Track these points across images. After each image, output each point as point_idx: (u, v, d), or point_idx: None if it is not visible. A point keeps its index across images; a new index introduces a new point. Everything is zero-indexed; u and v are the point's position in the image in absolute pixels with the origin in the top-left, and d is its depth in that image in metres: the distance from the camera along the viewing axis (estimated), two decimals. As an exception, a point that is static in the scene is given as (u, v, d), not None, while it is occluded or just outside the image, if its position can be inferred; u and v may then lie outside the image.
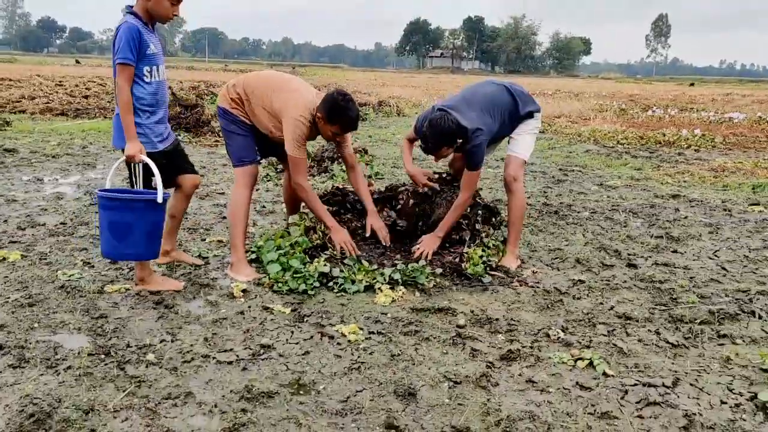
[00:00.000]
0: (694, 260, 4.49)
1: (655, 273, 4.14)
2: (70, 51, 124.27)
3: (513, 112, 4.15)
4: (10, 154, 7.77)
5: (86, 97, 15.73)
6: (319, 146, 8.02)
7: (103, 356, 2.76)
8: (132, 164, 3.39)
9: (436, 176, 4.51)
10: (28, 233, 4.53)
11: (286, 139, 3.75)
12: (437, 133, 3.80)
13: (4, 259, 3.94)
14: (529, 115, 4.22)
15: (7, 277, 3.65)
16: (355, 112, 3.76)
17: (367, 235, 4.18)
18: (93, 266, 3.89)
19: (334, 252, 3.92)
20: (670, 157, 9.73)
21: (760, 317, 3.44)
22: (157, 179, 3.27)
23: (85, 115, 12.46)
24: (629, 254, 4.55)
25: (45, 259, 3.98)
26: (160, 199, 3.25)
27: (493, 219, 4.59)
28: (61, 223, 4.81)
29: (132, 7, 3.29)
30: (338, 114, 3.69)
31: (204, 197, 5.99)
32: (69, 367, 2.64)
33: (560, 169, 8.30)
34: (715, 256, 4.62)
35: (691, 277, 4.08)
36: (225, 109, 3.94)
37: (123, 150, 3.41)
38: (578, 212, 5.84)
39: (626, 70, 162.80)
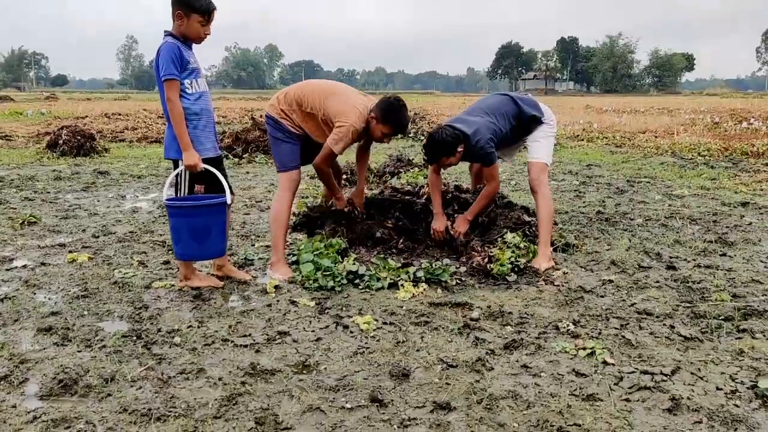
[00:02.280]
0: (741, 263, 4.33)
1: (692, 274, 4.04)
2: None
3: (518, 115, 4.37)
4: (102, 176, 8.52)
5: (181, 126, 16.81)
6: (381, 162, 8.28)
7: (134, 338, 3.06)
8: (179, 173, 3.72)
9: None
10: (100, 240, 5.01)
11: (332, 136, 3.93)
12: (433, 144, 4.19)
13: (74, 260, 4.38)
14: (536, 120, 4.41)
15: (72, 274, 4.08)
16: (407, 118, 4.05)
17: (346, 209, 4.56)
18: (147, 266, 4.27)
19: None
20: (752, 167, 9.27)
21: (790, 314, 3.31)
22: (224, 182, 3.66)
23: (177, 142, 13.35)
24: (671, 257, 4.45)
25: (108, 261, 4.40)
26: (229, 201, 3.68)
27: (527, 219, 4.64)
28: (130, 232, 5.27)
29: (169, 30, 3.64)
30: (392, 115, 3.94)
31: (265, 209, 6.34)
32: (103, 346, 2.96)
33: (627, 181, 8.12)
34: (768, 259, 4.43)
35: (730, 278, 3.96)
36: (274, 118, 4.20)
37: (173, 161, 3.75)
38: (632, 220, 5.73)
39: (736, 86, 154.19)
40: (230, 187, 3.98)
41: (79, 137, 10.94)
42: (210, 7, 3.57)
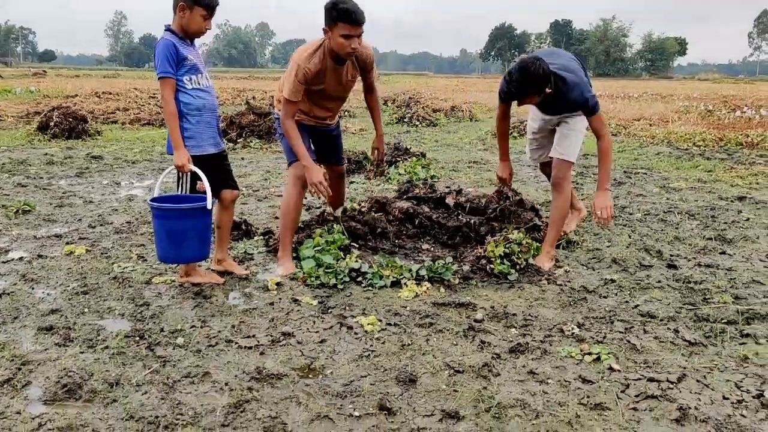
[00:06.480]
0: (741, 262, 4.35)
1: (693, 273, 4.05)
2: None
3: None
4: (96, 161, 8.43)
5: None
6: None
7: (137, 338, 3.03)
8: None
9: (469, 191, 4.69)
10: (97, 231, 4.95)
11: (285, 82, 3.87)
12: (528, 76, 3.69)
13: (72, 253, 4.33)
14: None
15: (70, 268, 4.03)
16: (352, 3, 3.60)
17: (371, 157, 4.50)
18: (146, 260, 4.22)
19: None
20: (748, 158, 9.29)
21: (793, 318, 3.32)
22: (206, 185, 3.50)
23: (170, 125, 13.21)
24: (672, 255, 4.46)
25: (106, 253, 4.35)
26: (209, 206, 3.50)
27: (538, 223, 4.64)
28: (127, 222, 5.21)
29: (170, 24, 3.57)
30: (335, 10, 3.57)
31: (263, 198, 6.30)
32: (106, 347, 2.93)
33: (624, 172, 8.12)
34: (767, 258, 4.44)
35: (731, 278, 3.97)
36: (275, 112, 4.20)
37: None
38: (630, 214, 5.73)
39: (727, 71, 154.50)
40: (234, 183, 3.95)
41: (70, 119, 10.79)
42: (214, 2, 3.50)
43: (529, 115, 4.70)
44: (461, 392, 2.58)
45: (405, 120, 14.38)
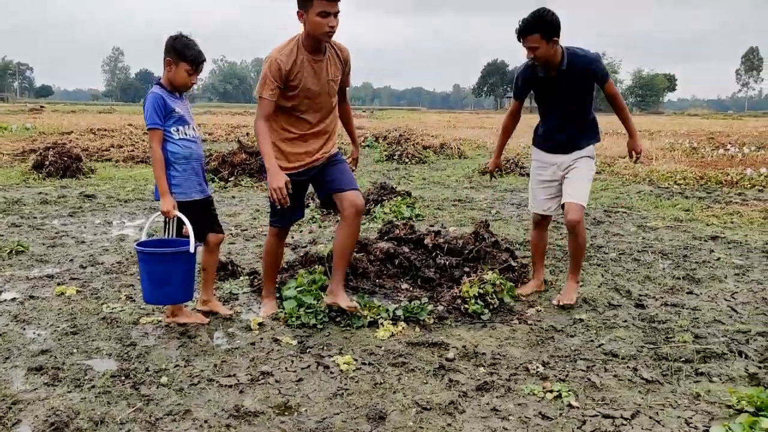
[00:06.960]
0: (707, 301, 4.54)
1: (659, 313, 4.24)
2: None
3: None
4: (89, 200, 8.62)
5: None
6: (366, 189, 8.45)
7: (123, 378, 3.19)
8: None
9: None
10: (88, 271, 5.12)
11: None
12: (537, 17, 4.00)
13: (63, 293, 4.50)
14: (596, 126, 4.65)
15: (61, 309, 4.19)
16: None
17: (350, 161, 4.31)
18: (134, 300, 4.39)
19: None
20: (725, 197, 9.56)
21: (746, 357, 3.50)
22: (190, 231, 3.69)
23: (163, 163, 13.44)
24: (640, 295, 4.65)
25: (96, 294, 4.52)
26: (192, 250, 3.68)
27: (513, 264, 4.85)
28: (118, 262, 5.38)
29: (160, 78, 3.82)
30: None
31: (250, 238, 6.49)
32: (93, 386, 3.08)
33: (605, 211, 8.35)
34: (732, 297, 4.64)
35: (694, 318, 4.15)
36: None
37: None
38: (605, 253, 5.93)
39: (716, 106, 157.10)
40: (219, 228, 4.13)
41: (65, 158, 11.00)
42: (199, 58, 3.74)
43: (533, 166, 4.67)
44: (426, 428, 2.74)
45: (395, 157, 14.64)
